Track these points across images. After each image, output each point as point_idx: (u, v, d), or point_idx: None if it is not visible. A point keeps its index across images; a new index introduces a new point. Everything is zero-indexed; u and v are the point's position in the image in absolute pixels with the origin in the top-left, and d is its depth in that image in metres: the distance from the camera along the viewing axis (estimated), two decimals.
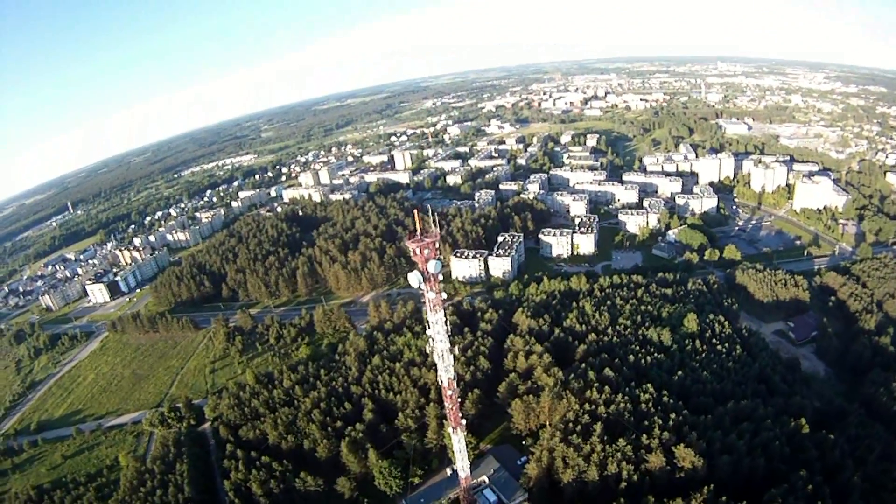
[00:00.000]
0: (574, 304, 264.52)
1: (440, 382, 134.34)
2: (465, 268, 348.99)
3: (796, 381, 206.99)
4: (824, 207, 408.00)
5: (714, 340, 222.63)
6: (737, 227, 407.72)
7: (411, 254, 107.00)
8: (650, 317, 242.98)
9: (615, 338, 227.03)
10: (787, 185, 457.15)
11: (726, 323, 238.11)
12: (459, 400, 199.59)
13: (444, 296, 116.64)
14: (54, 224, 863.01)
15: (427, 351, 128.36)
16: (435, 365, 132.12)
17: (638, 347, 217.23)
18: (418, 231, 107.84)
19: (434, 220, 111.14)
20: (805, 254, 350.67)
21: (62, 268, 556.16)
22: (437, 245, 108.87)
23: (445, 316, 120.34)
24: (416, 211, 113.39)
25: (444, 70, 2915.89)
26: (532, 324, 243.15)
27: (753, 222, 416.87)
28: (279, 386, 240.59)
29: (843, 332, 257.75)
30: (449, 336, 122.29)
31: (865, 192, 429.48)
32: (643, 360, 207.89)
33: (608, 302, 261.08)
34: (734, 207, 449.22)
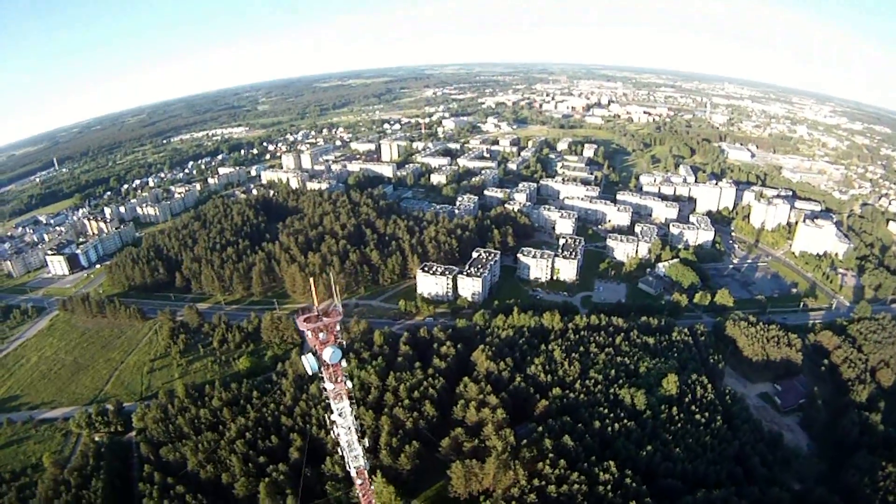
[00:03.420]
0: (543, 346, 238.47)
1: (349, 470, 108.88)
2: (431, 284, 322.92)
3: (777, 462, 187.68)
4: (824, 253, 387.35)
5: (693, 407, 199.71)
6: (731, 266, 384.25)
7: (307, 336, 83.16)
8: (626, 371, 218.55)
9: (582, 395, 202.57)
10: (788, 223, 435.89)
11: (709, 386, 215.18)
12: (394, 454, 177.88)
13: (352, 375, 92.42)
14: (38, 180, 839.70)
15: (333, 435, 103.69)
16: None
17: (606, 411, 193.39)
18: (315, 305, 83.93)
19: (336, 292, 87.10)
20: (801, 305, 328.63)
21: (31, 231, 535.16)
22: (339, 329, 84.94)
23: (351, 402, 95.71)
24: (312, 280, 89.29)
25: (449, 59, 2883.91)
26: (492, 367, 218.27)
27: (749, 261, 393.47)
28: (208, 404, 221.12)
29: (833, 401, 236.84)
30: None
31: (867, 239, 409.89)
32: (610, 428, 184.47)
33: (581, 348, 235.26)
34: (731, 242, 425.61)
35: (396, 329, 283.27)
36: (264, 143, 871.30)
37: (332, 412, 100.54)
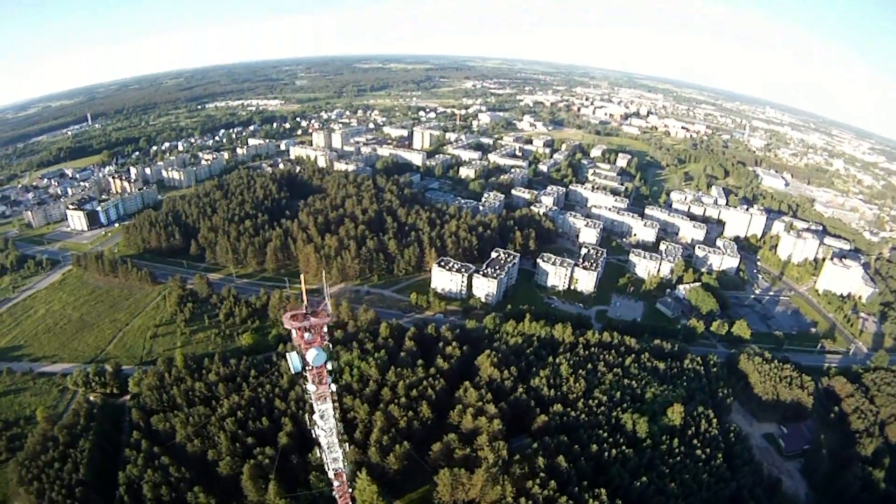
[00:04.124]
0: (551, 358, 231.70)
1: (327, 472, 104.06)
2: (446, 280, 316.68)
3: None
4: (848, 295, 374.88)
5: (695, 441, 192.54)
6: (753, 296, 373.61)
7: (293, 335, 77.62)
8: (632, 395, 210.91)
9: (584, 415, 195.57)
10: (815, 259, 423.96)
11: (714, 420, 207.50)
12: (384, 452, 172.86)
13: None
14: (69, 133, 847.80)
15: (314, 435, 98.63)
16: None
17: (606, 434, 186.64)
18: (304, 303, 78.54)
19: (326, 293, 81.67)
20: (818, 346, 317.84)
21: (56, 183, 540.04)
22: (325, 331, 79.49)
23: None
24: (302, 277, 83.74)
25: (492, 53, 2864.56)
26: (495, 374, 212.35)
27: (772, 293, 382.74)
28: (205, 377, 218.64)
29: (838, 451, 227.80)
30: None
31: (893, 285, 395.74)
32: (607, 453, 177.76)
33: (589, 365, 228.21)
34: (755, 271, 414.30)
35: (405, 322, 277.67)
36: (297, 119, 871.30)
37: (313, 412, 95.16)
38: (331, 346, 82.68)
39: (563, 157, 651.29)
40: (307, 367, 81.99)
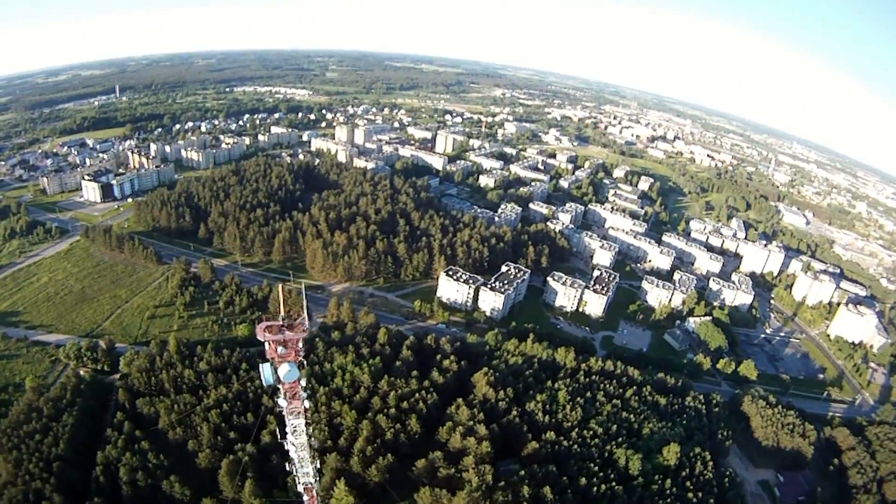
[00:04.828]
0: (550, 382, 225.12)
1: (297, 485, 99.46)
2: (452, 290, 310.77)
3: None
4: (860, 343, 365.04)
5: (688, 484, 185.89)
6: (763, 335, 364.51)
7: (266, 347, 72.57)
8: (628, 430, 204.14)
9: (576, 446, 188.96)
10: (830, 302, 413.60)
11: (710, 464, 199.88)
12: (366, 463, 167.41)
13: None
14: (96, 103, 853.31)
15: (285, 447, 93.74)
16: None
17: (597, 469, 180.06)
18: (281, 311, 73.46)
19: (304, 305, 76.52)
20: (825, 393, 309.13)
21: (76, 152, 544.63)
22: (300, 346, 74.34)
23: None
24: (280, 287, 78.78)
25: (524, 63, 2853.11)
26: (490, 394, 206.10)
27: (782, 335, 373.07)
28: (196, 364, 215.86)
29: None
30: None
31: None
32: (596, 488, 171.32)
33: (588, 393, 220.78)
34: (768, 310, 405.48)
35: (405, 329, 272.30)
36: (323, 111, 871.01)
37: (285, 425, 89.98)
38: (304, 362, 76.97)
39: (586, 174, 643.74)
40: (280, 382, 76.97)
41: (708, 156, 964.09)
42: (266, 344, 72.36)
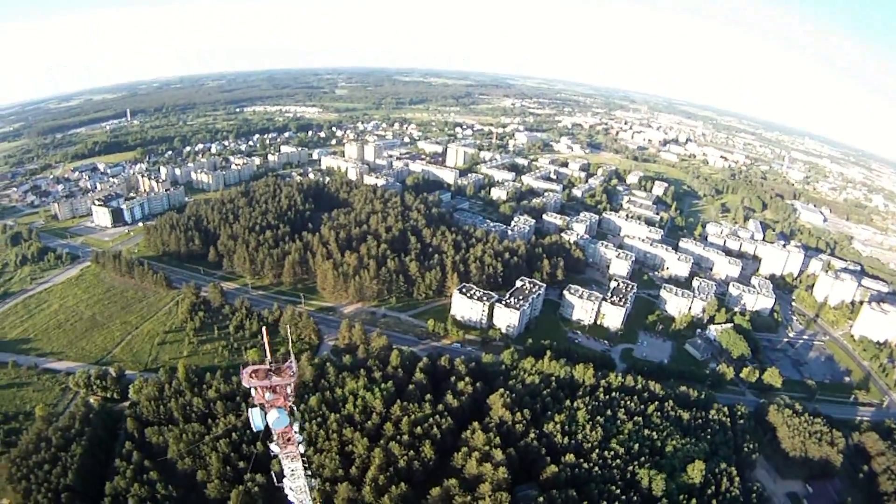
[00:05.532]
0: (568, 401, 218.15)
1: None
2: (466, 308, 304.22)
3: None
4: (885, 342, 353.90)
5: (714, 502, 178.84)
6: (786, 339, 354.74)
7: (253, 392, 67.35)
8: (651, 448, 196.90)
9: (597, 468, 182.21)
10: (852, 301, 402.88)
11: (737, 479, 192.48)
12: (379, 492, 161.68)
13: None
14: (107, 127, 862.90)
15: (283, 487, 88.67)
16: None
17: (619, 491, 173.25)
18: (267, 356, 67.89)
19: (290, 347, 71.04)
20: (851, 397, 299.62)
21: (87, 177, 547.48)
22: (290, 392, 68.87)
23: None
24: (264, 329, 73.00)
25: (533, 72, 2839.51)
26: (507, 416, 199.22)
27: (805, 338, 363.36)
28: (205, 392, 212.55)
29: None
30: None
31: None
32: None
33: (608, 411, 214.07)
34: (790, 312, 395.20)
35: (419, 350, 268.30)
36: (333, 128, 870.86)
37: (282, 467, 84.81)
38: (294, 409, 71.39)
39: (599, 182, 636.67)
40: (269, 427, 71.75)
41: (721, 157, 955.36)
42: (252, 389, 67.25)
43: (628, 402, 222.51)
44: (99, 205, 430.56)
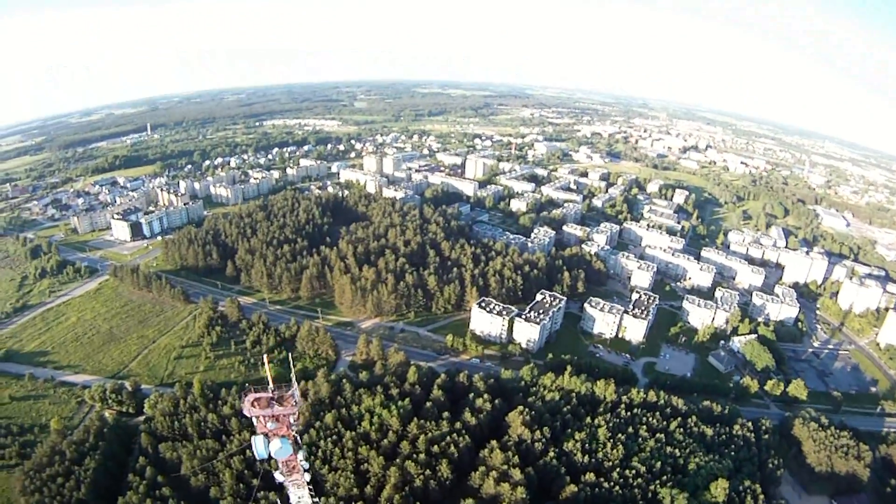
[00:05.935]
0: (589, 418, 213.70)
1: None
2: (485, 322, 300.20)
3: None
4: None
5: None
6: (810, 350, 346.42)
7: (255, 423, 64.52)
8: (673, 466, 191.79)
9: (618, 487, 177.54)
10: (878, 308, 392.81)
11: (761, 497, 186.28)
12: None
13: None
14: (128, 141, 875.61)
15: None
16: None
17: None
18: (269, 385, 65.11)
19: (293, 378, 68.02)
20: (878, 408, 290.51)
21: (107, 191, 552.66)
22: (293, 421, 65.99)
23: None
24: (266, 357, 70.74)
25: (551, 81, 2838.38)
26: (526, 434, 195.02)
27: (831, 347, 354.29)
28: (220, 408, 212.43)
29: None
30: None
31: None
32: None
33: (630, 428, 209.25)
34: (814, 321, 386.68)
35: (437, 365, 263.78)
36: (352, 141, 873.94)
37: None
38: (298, 437, 68.60)
39: (619, 191, 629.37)
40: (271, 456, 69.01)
41: (742, 163, 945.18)
42: (254, 419, 64.56)
43: (650, 419, 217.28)
44: (118, 219, 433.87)
